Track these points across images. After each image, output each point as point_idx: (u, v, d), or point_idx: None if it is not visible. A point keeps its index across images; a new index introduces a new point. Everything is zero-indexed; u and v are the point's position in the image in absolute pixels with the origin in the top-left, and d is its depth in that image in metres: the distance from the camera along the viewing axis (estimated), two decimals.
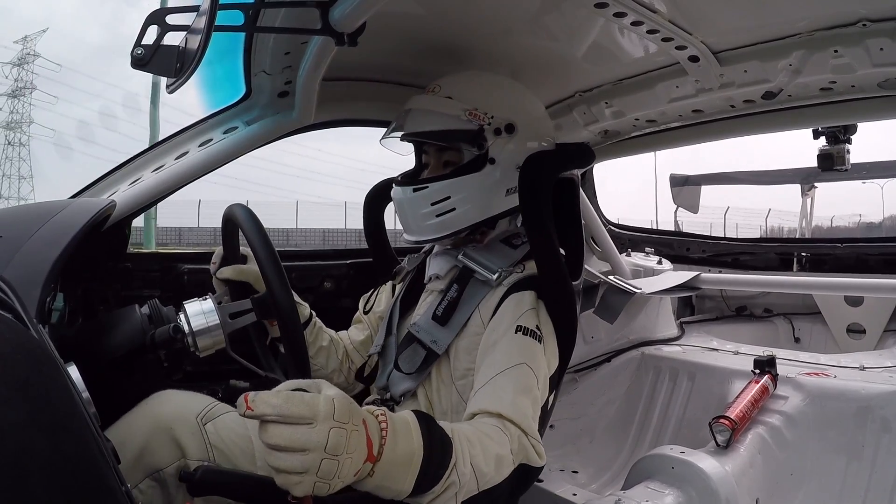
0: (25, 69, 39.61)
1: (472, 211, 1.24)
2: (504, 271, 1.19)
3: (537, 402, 1.03)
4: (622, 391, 2.34)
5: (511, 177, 1.24)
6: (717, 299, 2.91)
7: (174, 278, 1.63)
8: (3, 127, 40.51)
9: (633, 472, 1.58)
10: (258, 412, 0.67)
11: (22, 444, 0.42)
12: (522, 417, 0.98)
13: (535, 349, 1.08)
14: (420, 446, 0.80)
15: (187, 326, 0.98)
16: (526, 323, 1.10)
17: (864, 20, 1.26)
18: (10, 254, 0.83)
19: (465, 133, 1.24)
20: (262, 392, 0.68)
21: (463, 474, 0.84)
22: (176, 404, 1.05)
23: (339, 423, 0.69)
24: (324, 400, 0.70)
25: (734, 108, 1.68)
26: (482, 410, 1.00)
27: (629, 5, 1.25)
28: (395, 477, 0.77)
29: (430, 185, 1.24)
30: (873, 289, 2.12)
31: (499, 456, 0.91)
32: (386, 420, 0.79)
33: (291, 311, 0.95)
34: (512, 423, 0.97)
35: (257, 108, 1.52)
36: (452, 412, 1.18)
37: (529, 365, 1.05)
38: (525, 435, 0.97)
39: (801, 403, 1.76)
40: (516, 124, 1.25)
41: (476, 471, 0.86)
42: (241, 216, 1.03)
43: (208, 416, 1.08)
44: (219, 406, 1.08)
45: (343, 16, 1.12)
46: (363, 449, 0.73)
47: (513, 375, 1.03)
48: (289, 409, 0.67)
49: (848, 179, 4.97)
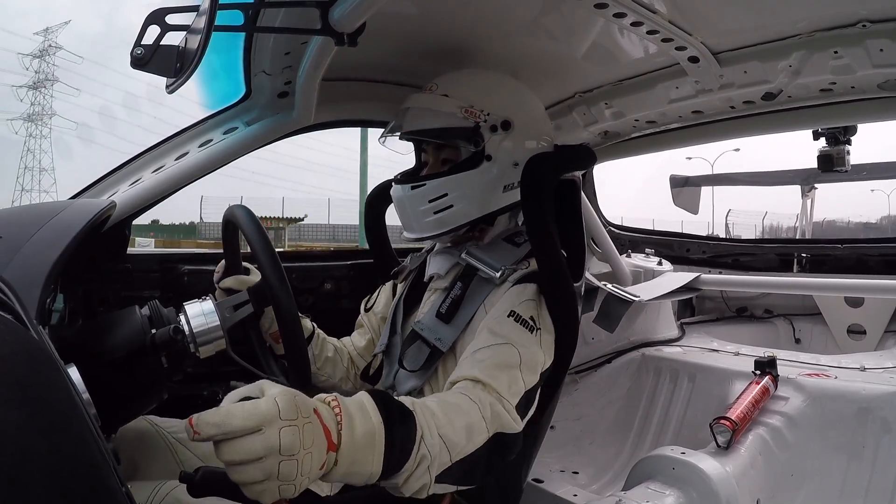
0: (46, 61, 39.52)
1: (469, 207, 1.24)
2: (508, 269, 1.19)
3: (517, 380, 1.00)
4: (623, 392, 2.34)
5: (508, 173, 1.25)
6: (718, 300, 2.91)
7: (174, 279, 1.63)
8: (25, 119, 40.47)
9: (634, 473, 1.58)
10: (204, 434, 0.65)
11: (22, 446, 0.42)
12: (497, 383, 0.96)
13: (525, 336, 1.07)
14: (380, 423, 0.77)
15: (187, 327, 0.97)
16: (521, 311, 1.09)
17: (864, 21, 1.26)
18: (10, 254, 0.83)
19: (460, 130, 1.24)
20: (203, 413, 0.66)
21: (432, 446, 0.82)
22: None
23: (287, 421, 0.67)
24: (265, 403, 0.67)
25: (734, 109, 1.68)
26: (459, 377, 0.99)
27: (629, 6, 1.25)
28: (360, 460, 0.75)
29: (427, 183, 1.25)
30: (873, 290, 2.12)
31: (469, 425, 0.88)
32: (339, 404, 0.76)
33: (291, 311, 0.95)
34: (487, 386, 0.95)
35: (257, 109, 1.52)
36: None
37: (515, 346, 1.03)
38: (499, 401, 0.95)
39: (801, 404, 1.76)
40: (513, 121, 1.25)
41: (445, 441, 0.84)
42: (242, 217, 1.03)
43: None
44: (164, 487, 1.00)
45: (343, 16, 1.12)
46: (322, 440, 0.71)
47: (495, 349, 1.02)
48: (231, 425, 0.65)
49: (848, 180, 4.97)
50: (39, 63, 40.03)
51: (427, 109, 1.28)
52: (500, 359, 1.01)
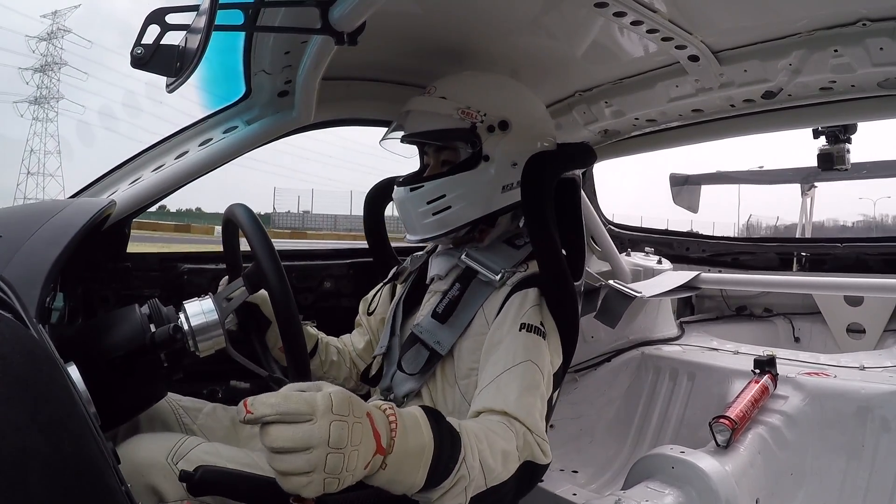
0: (54, 44, 39.20)
1: (468, 208, 1.25)
2: (507, 272, 1.19)
3: (543, 398, 1.04)
4: (622, 391, 2.34)
5: (507, 174, 1.25)
6: (717, 299, 2.91)
7: (174, 278, 1.63)
8: (31, 101, 40.18)
9: (633, 472, 1.58)
10: (258, 414, 0.66)
11: (21, 444, 0.42)
12: (527, 415, 0.98)
13: (539, 346, 1.08)
14: (430, 439, 0.80)
15: (187, 326, 0.98)
16: (530, 320, 1.10)
17: (864, 20, 1.26)
18: (10, 253, 0.83)
19: (457, 131, 1.25)
20: (259, 395, 0.68)
21: (472, 468, 0.84)
22: (146, 450, 1.00)
23: (338, 416, 0.69)
24: (321, 396, 0.70)
25: (734, 108, 1.68)
26: (487, 408, 1.00)
27: (629, 5, 1.25)
28: (407, 470, 0.77)
29: (425, 184, 1.26)
30: (873, 288, 2.12)
31: (505, 451, 0.91)
32: (395, 413, 0.79)
33: (290, 311, 0.95)
34: (517, 420, 0.97)
35: (257, 108, 1.52)
36: (456, 412, 1.18)
37: (535, 362, 1.05)
38: (530, 432, 0.97)
39: (801, 403, 1.76)
40: (510, 121, 1.25)
41: (484, 466, 0.87)
42: (242, 216, 1.03)
43: (179, 454, 1.02)
44: (188, 441, 1.03)
45: (343, 15, 1.12)
46: (370, 441, 0.72)
47: (518, 373, 1.03)
48: (287, 406, 0.67)
49: (848, 179, 4.97)
50: (47, 46, 39.75)
51: (425, 112, 1.29)
52: (524, 382, 1.02)
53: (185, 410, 1.22)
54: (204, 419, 1.23)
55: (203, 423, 1.22)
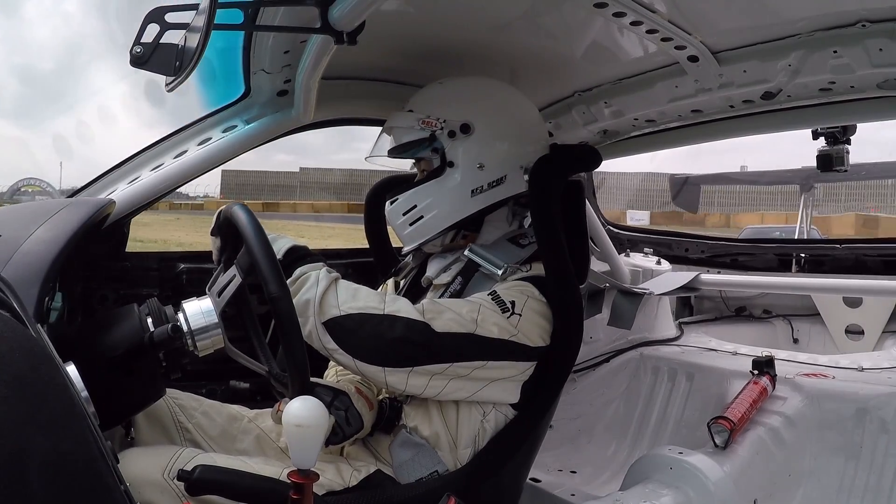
0: None
1: (438, 216, 1.27)
2: (510, 267, 1.20)
3: (451, 318, 1.08)
4: (621, 391, 2.34)
5: (474, 177, 1.26)
6: (716, 300, 2.90)
7: (173, 277, 1.63)
8: None
9: (631, 473, 1.58)
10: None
11: (20, 443, 0.42)
12: (432, 310, 1.08)
13: (490, 310, 1.11)
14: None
15: (186, 326, 0.97)
16: (504, 294, 1.12)
17: (863, 21, 1.26)
18: (8, 253, 0.83)
19: (417, 142, 1.29)
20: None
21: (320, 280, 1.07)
22: (140, 467, 0.98)
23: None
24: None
25: (733, 108, 1.68)
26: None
27: (628, 5, 1.25)
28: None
29: (399, 197, 1.29)
30: (872, 290, 2.12)
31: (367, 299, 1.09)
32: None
33: (290, 311, 0.95)
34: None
35: (256, 107, 1.52)
36: (459, 405, 1.17)
37: (477, 304, 1.11)
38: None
39: (799, 404, 1.76)
40: (472, 124, 1.26)
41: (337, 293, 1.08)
42: (241, 216, 1.03)
43: (174, 469, 0.99)
44: (184, 453, 1.02)
45: (342, 14, 1.12)
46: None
47: (455, 303, 1.13)
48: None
49: (847, 180, 4.98)
50: None
51: (393, 127, 1.34)
52: (452, 305, 1.10)
53: (181, 409, 1.21)
54: (200, 418, 1.23)
55: (198, 422, 1.22)
